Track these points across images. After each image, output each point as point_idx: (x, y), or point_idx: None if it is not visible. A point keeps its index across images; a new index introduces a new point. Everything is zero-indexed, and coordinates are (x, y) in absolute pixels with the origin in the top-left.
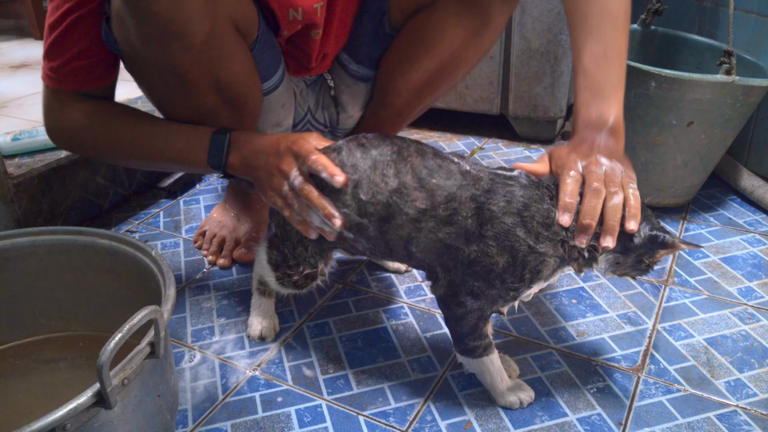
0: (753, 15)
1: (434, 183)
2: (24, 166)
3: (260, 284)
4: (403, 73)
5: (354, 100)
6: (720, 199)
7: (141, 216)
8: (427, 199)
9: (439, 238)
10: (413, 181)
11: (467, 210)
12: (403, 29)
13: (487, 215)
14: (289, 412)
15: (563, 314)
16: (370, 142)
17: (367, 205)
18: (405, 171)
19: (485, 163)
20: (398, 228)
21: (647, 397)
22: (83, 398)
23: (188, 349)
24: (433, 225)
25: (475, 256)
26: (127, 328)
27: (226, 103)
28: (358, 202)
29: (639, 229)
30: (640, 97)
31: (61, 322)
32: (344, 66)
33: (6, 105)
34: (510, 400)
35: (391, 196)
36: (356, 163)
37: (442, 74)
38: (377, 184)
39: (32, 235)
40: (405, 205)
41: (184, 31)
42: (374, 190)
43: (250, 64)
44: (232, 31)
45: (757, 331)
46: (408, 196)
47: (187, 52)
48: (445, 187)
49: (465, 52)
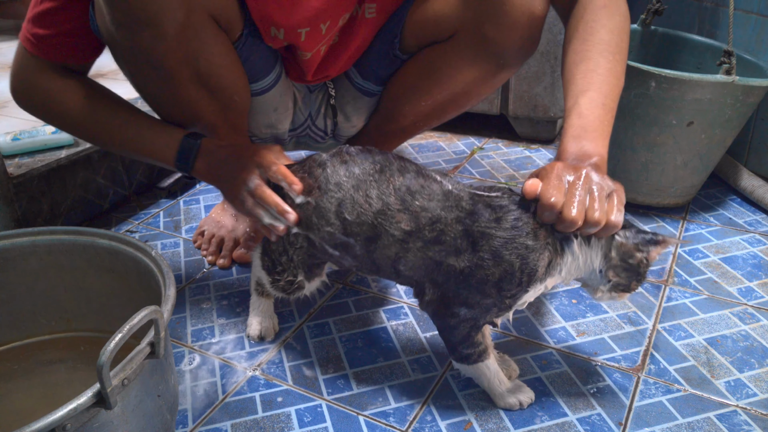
0: (753, 15)
1: (417, 205)
2: (24, 166)
3: (258, 285)
4: (411, 100)
5: (358, 111)
6: (720, 199)
7: (141, 216)
8: (412, 221)
9: (428, 256)
10: (397, 203)
11: (454, 231)
12: (416, 57)
13: (477, 234)
14: (289, 412)
15: (563, 314)
16: (353, 159)
17: (352, 225)
18: (388, 192)
19: (485, 163)
20: (385, 248)
21: (647, 397)
22: (83, 398)
23: (188, 349)
24: (421, 245)
25: (469, 270)
26: (127, 328)
27: (211, 96)
28: (342, 221)
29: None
30: (640, 97)
31: (61, 323)
32: (350, 78)
33: (6, 105)
34: (509, 402)
35: (375, 217)
36: (340, 181)
37: (451, 105)
38: (361, 204)
39: (32, 235)
40: (390, 227)
41: (155, 20)
42: (358, 210)
43: (233, 58)
44: (210, 23)
45: (757, 331)
46: (392, 217)
47: (159, 41)
48: (429, 209)
49: (476, 88)
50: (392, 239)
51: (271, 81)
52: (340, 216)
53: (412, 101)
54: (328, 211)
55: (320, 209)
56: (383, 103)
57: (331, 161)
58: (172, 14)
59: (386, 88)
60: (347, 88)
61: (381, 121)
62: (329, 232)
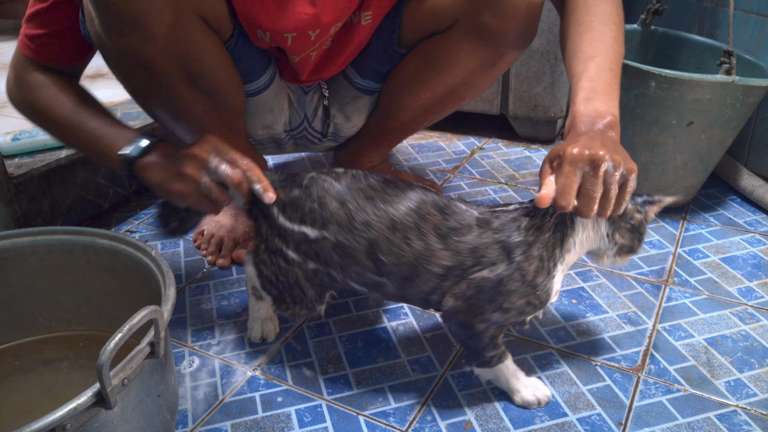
0: (753, 15)
1: (456, 240)
2: (24, 166)
3: (254, 289)
4: (411, 93)
5: (358, 111)
6: (720, 199)
7: (141, 216)
8: (453, 256)
9: (464, 278)
10: (437, 242)
11: (493, 251)
12: (415, 50)
13: (512, 245)
14: (289, 412)
15: (563, 314)
16: (383, 196)
17: (388, 266)
18: (427, 231)
19: (485, 163)
20: (422, 284)
21: (647, 397)
22: (83, 398)
23: (188, 349)
24: (459, 272)
25: (505, 278)
26: (127, 328)
27: (204, 96)
28: (376, 262)
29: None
30: (640, 97)
31: (61, 322)
32: (349, 79)
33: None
34: (528, 399)
35: (416, 259)
36: (369, 220)
37: (451, 97)
38: (400, 245)
39: (32, 235)
40: (431, 265)
41: (142, 21)
42: (397, 252)
43: (225, 57)
44: (199, 23)
45: (757, 331)
46: (434, 256)
47: (148, 42)
48: (467, 241)
49: (475, 79)
50: (431, 275)
51: (265, 82)
52: (374, 257)
53: (413, 94)
54: (357, 252)
55: (345, 248)
56: (383, 100)
57: (354, 198)
58: (160, 14)
59: (386, 84)
60: (347, 89)
61: (381, 118)
62: (358, 272)
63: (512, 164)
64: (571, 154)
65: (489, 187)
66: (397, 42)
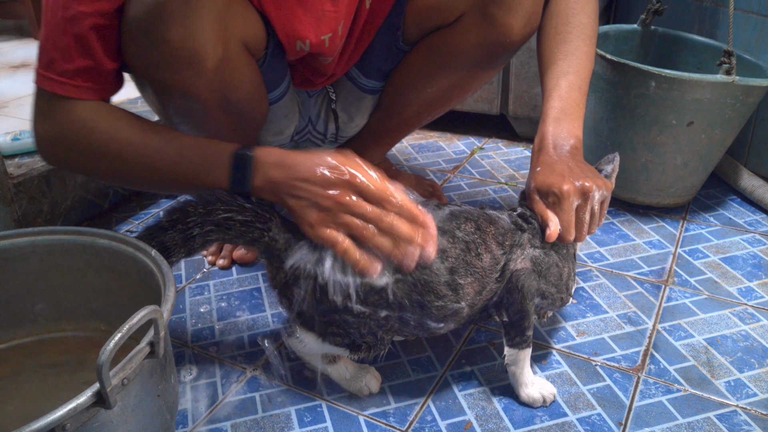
0: (753, 15)
1: (508, 244)
2: (24, 166)
3: (324, 357)
4: (417, 88)
5: (361, 111)
6: (720, 199)
7: (141, 216)
8: (506, 258)
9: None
10: (498, 249)
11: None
12: (420, 44)
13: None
14: (289, 412)
15: (563, 314)
16: (447, 223)
17: (465, 287)
18: (490, 242)
19: (485, 163)
20: (487, 294)
21: (647, 397)
22: (83, 398)
23: (188, 349)
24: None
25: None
26: (127, 328)
27: (237, 119)
28: (455, 288)
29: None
30: (640, 97)
31: (61, 323)
32: (353, 80)
33: (6, 105)
34: (534, 395)
35: (484, 270)
36: (444, 246)
37: (456, 90)
38: (473, 264)
39: (32, 235)
40: (493, 272)
41: (197, 58)
42: (472, 270)
43: (259, 81)
44: (242, 52)
45: (757, 331)
46: (497, 263)
47: (199, 78)
48: (518, 243)
49: (480, 71)
50: (492, 281)
51: (283, 89)
52: (454, 284)
53: (418, 89)
54: (436, 284)
55: (427, 284)
56: (385, 97)
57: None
58: (213, 50)
59: (389, 81)
60: (350, 90)
61: (383, 115)
62: (440, 307)
63: (512, 164)
64: (567, 193)
65: (489, 187)
66: (402, 39)
